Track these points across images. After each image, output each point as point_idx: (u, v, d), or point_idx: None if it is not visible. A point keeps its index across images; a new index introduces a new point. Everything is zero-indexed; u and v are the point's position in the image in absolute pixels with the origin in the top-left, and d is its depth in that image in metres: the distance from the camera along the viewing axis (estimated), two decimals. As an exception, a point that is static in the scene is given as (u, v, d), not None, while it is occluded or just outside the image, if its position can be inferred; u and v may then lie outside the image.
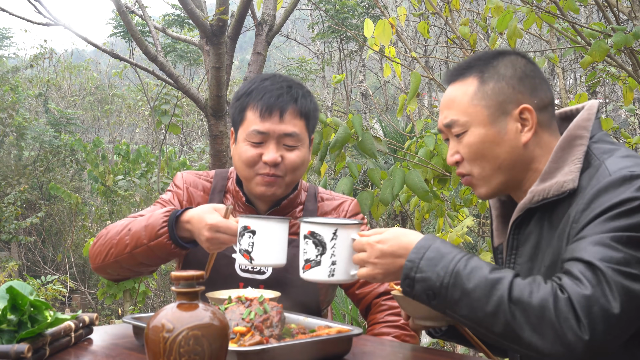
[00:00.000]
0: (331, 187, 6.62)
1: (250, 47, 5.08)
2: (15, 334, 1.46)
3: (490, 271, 1.34)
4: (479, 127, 1.53)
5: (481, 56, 1.59)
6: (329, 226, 1.50)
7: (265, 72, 2.10)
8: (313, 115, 1.99)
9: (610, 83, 6.92)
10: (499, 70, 1.54)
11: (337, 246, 1.50)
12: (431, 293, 1.39)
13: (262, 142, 1.91)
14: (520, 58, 1.57)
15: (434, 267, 1.38)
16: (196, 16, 4.18)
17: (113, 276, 1.98)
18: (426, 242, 1.42)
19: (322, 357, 1.48)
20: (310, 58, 10.67)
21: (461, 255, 1.39)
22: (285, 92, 1.93)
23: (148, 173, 8.29)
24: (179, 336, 1.10)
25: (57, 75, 12.49)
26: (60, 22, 4.53)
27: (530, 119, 1.52)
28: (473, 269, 1.35)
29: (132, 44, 6.53)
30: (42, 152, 9.61)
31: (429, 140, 2.99)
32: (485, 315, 1.32)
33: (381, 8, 3.64)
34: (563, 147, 1.50)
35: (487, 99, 1.53)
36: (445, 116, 1.58)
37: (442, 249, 1.40)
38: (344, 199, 2.11)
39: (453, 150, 1.58)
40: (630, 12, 2.93)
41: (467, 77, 1.56)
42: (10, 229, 8.57)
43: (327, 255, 1.50)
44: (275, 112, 1.90)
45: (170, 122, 6.41)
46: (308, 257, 1.53)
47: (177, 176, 2.12)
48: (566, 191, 1.44)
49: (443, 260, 1.38)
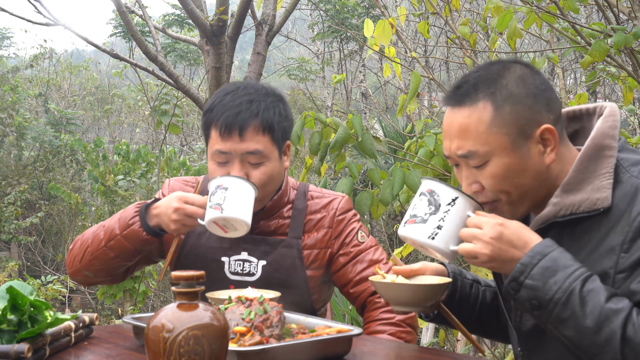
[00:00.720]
0: (331, 187, 6.61)
1: (250, 47, 5.08)
2: (15, 334, 1.46)
3: (607, 299, 1.29)
4: (502, 156, 1.43)
5: (485, 73, 1.48)
6: (451, 190, 1.43)
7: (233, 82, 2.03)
8: (280, 126, 1.91)
9: (610, 83, 6.92)
10: (511, 90, 1.44)
11: (450, 212, 1.42)
12: (536, 303, 1.34)
13: (227, 161, 1.88)
14: (525, 69, 1.48)
15: (548, 278, 1.33)
16: (196, 16, 4.18)
17: (88, 278, 2.00)
18: (544, 249, 1.35)
19: (322, 357, 1.48)
20: (310, 58, 10.67)
21: (579, 272, 1.32)
22: (245, 109, 1.86)
23: (148, 173, 8.28)
24: (179, 336, 1.10)
25: (57, 75, 12.48)
26: (60, 22, 4.53)
27: (552, 139, 1.43)
28: (590, 292, 1.30)
29: (132, 44, 6.53)
30: (42, 152, 9.60)
31: (429, 140, 2.99)
32: (591, 344, 1.29)
33: (381, 8, 3.64)
34: (590, 157, 1.42)
35: (507, 126, 1.42)
36: (458, 146, 1.46)
37: (559, 260, 1.33)
38: (333, 197, 2.07)
39: (470, 179, 1.48)
40: (630, 12, 2.93)
41: (477, 102, 1.44)
42: (10, 229, 8.56)
43: (437, 217, 1.43)
44: (234, 131, 1.85)
45: (170, 122, 6.41)
46: (416, 212, 1.45)
47: (164, 184, 2.13)
48: (599, 209, 1.38)
49: (559, 273, 1.32)
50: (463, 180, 1.51)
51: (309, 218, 2.02)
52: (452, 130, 1.48)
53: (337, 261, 2.03)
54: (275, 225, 2.00)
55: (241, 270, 1.96)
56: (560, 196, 1.43)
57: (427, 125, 5.52)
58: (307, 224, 2.01)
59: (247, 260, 1.97)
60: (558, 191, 1.43)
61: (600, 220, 1.38)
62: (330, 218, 2.03)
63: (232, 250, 1.97)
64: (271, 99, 1.92)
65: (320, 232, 2.01)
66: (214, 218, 1.78)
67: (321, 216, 2.03)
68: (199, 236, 2.01)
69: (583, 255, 1.39)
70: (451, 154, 1.50)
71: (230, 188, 1.76)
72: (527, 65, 1.49)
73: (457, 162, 1.51)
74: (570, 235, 1.42)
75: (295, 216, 2.01)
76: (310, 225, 2.01)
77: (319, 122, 2.90)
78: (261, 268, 1.96)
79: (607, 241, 1.36)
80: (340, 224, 2.03)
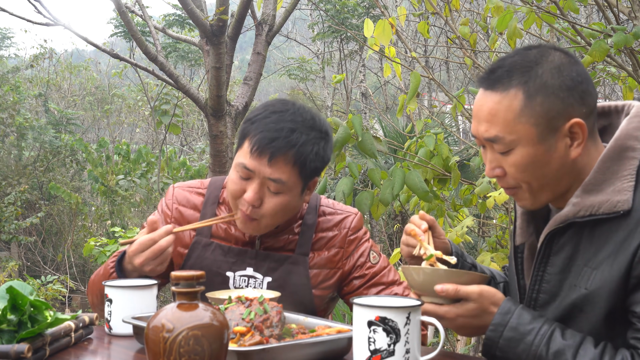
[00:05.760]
0: (331, 187, 6.61)
1: (250, 47, 5.08)
2: (15, 334, 1.46)
3: (573, 358, 1.33)
4: (527, 146, 1.41)
5: (521, 59, 1.44)
6: (401, 310, 1.35)
7: (289, 100, 1.91)
8: (312, 165, 1.82)
9: (610, 83, 6.91)
10: (545, 80, 1.40)
11: (410, 331, 1.36)
12: None
13: (249, 177, 1.81)
14: (564, 57, 1.43)
15: (514, 349, 1.38)
16: (196, 16, 4.18)
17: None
18: (502, 319, 1.40)
19: (322, 357, 1.48)
20: (310, 58, 10.68)
21: (541, 335, 1.37)
22: (284, 136, 1.77)
23: (148, 173, 8.29)
24: (179, 336, 1.10)
25: (57, 75, 12.49)
26: (60, 22, 4.53)
27: (581, 133, 1.40)
28: (555, 354, 1.35)
29: (133, 44, 6.53)
30: (42, 152, 9.60)
31: (429, 140, 2.99)
32: None
33: (381, 8, 3.64)
34: (612, 158, 1.41)
35: (537, 117, 1.39)
36: (486, 129, 1.44)
37: (520, 328, 1.38)
38: (346, 214, 2.00)
39: (494, 164, 1.47)
40: (630, 12, 2.93)
41: (509, 88, 1.41)
42: (10, 229, 8.56)
43: (402, 343, 1.35)
44: (265, 154, 1.77)
45: (170, 122, 6.41)
46: (378, 346, 1.36)
47: (168, 193, 2.05)
48: (619, 212, 1.36)
49: (522, 343, 1.37)
50: (487, 163, 1.49)
51: (321, 236, 1.96)
52: (481, 113, 1.46)
53: (352, 284, 1.97)
54: (284, 241, 1.94)
55: (246, 286, 1.92)
56: (580, 196, 1.41)
57: (427, 125, 5.52)
58: (319, 241, 1.95)
59: (252, 276, 1.92)
60: (578, 191, 1.42)
61: (620, 223, 1.36)
62: (342, 238, 1.97)
63: (237, 265, 1.92)
64: (314, 135, 1.82)
65: (332, 251, 1.95)
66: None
67: (333, 235, 1.96)
68: (204, 248, 1.95)
69: (601, 257, 1.38)
70: (478, 135, 1.48)
71: (114, 301, 1.71)
72: (567, 53, 1.45)
73: (484, 144, 1.49)
74: (589, 236, 1.41)
75: (304, 232, 1.94)
76: (322, 244, 1.95)
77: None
78: (266, 285, 1.92)
79: (626, 244, 1.35)
80: (351, 244, 1.97)
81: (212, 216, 1.95)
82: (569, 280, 1.43)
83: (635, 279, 1.33)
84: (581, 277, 1.41)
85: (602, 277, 1.37)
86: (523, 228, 1.59)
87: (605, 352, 1.33)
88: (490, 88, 1.44)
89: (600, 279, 1.37)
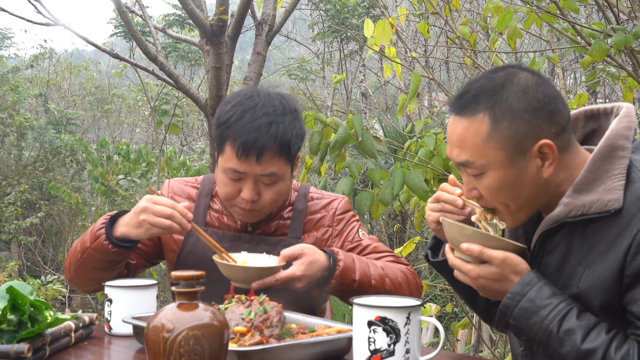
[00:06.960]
0: (331, 187, 6.61)
1: (250, 47, 5.08)
2: (15, 334, 1.46)
3: (582, 339, 1.34)
4: (498, 169, 1.43)
5: (487, 83, 1.45)
6: (401, 310, 1.36)
7: (251, 90, 1.94)
8: (295, 146, 1.90)
9: (610, 83, 6.91)
10: (510, 104, 1.41)
11: (410, 331, 1.37)
12: (524, 340, 1.43)
13: (240, 178, 1.87)
14: (531, 78, 1.44)
15: (527, 319, 1.39)
16: (196, 16, 4.18)
17: (82, 287, 2.03)
18: (523, 288, 1.41)
19: (322, 357, 1.48)
20: (311, 58, 10.67)
21: (556, 312, 1.37)
22: (264, 132, 1.83)
23: (148, 173, 8.29)
24: (179, 336, 1.10)
25: (57, 75, 12.49)
26: (60, 22, 4.53)
27: (551, 153, 1.41)
28: (566, 332, 1.35)
29: (133, 44, 6.53)
30: (42, 152, 9.60)
31: (429, 140, 2.99)
32: None
33: (381, 8, 3.64)
34: (603, 157, 1.41)
35: (504, 141, 1.41)
36: (457, 154, 1.47)
37: (537, 301, 1.39)
38: (333, 197, 2.08)
39: (470, 186, 1.50)
40: (630, 12, 2.93)
41: (476, 114, 1.43)
42: (10, 229, 8.56)
43: (402, 343, 1.37)
44: (252, 154, 1.82)
45: (170, 122, 6.41)
46: (378, 346, 1.37)
47: (163, 186, 2.13)
48: (610, 211, 1.37)
49: (536, 315, 1.38)
50: (464, 185, 1.53)
51: (309, 218, 2.03)
52: (452, 138, 1.49)
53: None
54: (275, 226, 2.02)
55: None
56: (571, 196, 1.42)
57: (427, 125, 5.52)
58: (307, 224, 2.03)
59: None
60: (569, 191, 1.42)
61: (611, 222, 1.37)
62: (330, 217, 2.04)
63: (232, 250, 1.96)
64: (289, 118, 1.88)
65: (320, 231, 2.03)
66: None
67: (321, 216, 2.04)
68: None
69: (593, 256, 1.39)
70: (452, 159, 1.51)
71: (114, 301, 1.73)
72: (535, 73, 1.46)
73: (459, 167, 1.52)
74: (581, 235, 1.42)
75: (295, 217, 2.02)
76: (310, 225, 2.03)
77: (319, 122, 2.90)
78: None
79: (617, 243, 1.36)
80: (340, 222, 2.04)
81: (205, 207, 2.03)
82: (563, 280, 1.44)
83: (628, 277, 1.34)
84: (574, 276, 1.42)
85: (594, 276, 1.38)
86: (511, 231, 1.61)
87: (613, 340, 1.33)
88: (459, 113, 1.46)
89: (593, 277, 1.39)
